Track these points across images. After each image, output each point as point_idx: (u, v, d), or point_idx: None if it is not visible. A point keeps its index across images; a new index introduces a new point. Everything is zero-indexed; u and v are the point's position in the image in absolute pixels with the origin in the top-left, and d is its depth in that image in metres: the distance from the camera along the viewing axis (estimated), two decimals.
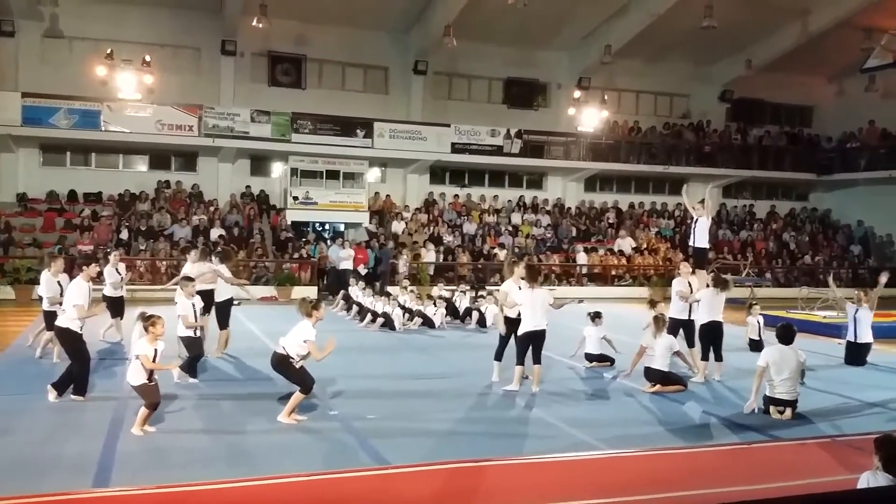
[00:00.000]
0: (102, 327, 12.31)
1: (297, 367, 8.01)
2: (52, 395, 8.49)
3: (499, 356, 10.13)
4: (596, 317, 11.66)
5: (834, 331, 14.34)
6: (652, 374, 9.92)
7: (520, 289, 9.80)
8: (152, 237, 21.64)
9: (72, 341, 8.71)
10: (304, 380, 8.00)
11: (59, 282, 10.37)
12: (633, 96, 30.54)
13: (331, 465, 6.59)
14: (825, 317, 16.74)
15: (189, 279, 10.28)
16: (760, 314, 13.75)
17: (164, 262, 20.90)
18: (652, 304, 11.87)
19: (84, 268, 9.35)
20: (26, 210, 22.13)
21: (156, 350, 7.61)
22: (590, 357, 11.51)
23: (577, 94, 26.80)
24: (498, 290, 11.72)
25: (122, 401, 8.56)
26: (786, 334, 8.80)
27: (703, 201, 12.49)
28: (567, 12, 25.43)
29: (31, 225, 21.55)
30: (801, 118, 32.84)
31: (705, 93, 30.61)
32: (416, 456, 6.87)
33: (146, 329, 7.68)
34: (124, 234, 21.42)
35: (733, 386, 10.27)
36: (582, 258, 24.99)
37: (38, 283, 12.79)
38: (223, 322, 11.60)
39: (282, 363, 8.03)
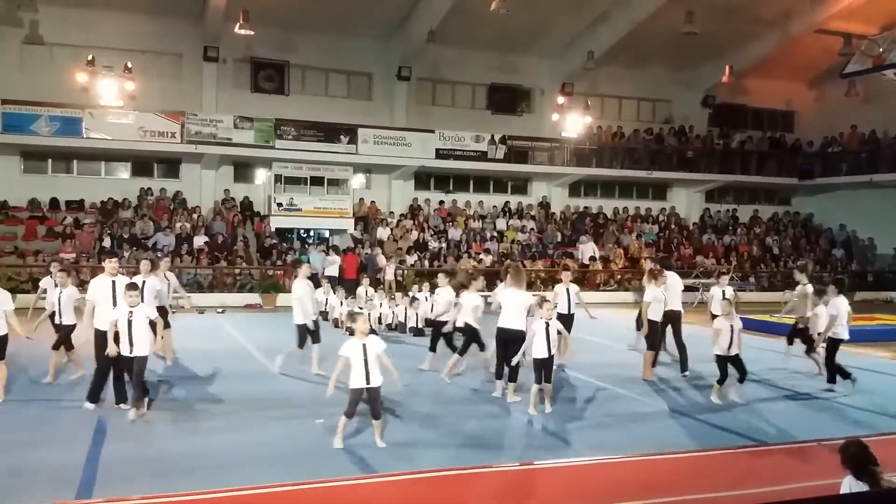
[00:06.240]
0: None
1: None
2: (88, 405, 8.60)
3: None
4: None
5: None
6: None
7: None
8: (135, 245, 21.46)
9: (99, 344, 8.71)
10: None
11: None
12: (615, 102, 30.69)
13: (318, 473, 6.53)
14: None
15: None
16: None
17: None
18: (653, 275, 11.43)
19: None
20: (7, 218, 21.88)
21: None
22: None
23: (560, 99, 26.87)
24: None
25: (106, 409, 8.49)
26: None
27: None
28: (549, 19, 25.53)
29: (12, 233, 21.32)
30: (782, 123, 33.11)
31: (687, 98, 30.82)
32: (407, 465, 6.85)
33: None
34: (107, 242, 21.23)
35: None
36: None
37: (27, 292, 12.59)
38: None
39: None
